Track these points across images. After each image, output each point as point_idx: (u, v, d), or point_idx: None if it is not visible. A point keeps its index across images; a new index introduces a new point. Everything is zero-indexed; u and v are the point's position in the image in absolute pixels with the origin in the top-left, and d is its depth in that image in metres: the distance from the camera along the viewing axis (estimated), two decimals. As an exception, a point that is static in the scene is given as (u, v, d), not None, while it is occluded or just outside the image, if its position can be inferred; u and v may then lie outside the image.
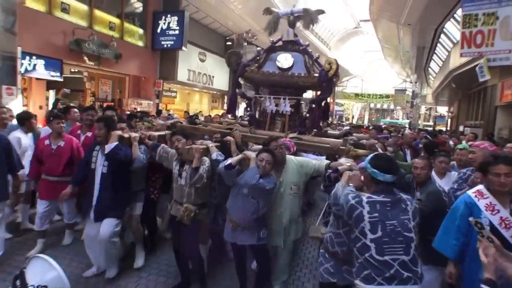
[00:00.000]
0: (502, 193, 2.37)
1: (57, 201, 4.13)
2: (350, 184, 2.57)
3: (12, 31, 6.84)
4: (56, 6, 9.13)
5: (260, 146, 3.95)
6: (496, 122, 10.52)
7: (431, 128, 23.27)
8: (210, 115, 10.44)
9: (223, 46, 18.72)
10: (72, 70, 10.92)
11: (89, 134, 4.63)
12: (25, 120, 4.75)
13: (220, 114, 11.45)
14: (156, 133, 4.32)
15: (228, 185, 3.36)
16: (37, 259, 1.91)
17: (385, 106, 52.48)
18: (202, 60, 15.87)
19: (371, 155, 2.48)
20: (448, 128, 21.82)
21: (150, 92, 13.14)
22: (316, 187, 6.00)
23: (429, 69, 23.32)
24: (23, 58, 7.73)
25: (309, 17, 5.62)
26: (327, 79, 5.07)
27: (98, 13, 10.56)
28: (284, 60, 5.34)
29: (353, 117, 49.37)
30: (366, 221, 2.14)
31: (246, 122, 6.39)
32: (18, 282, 1.79)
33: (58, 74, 8.95)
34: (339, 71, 5.34)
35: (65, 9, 9.37)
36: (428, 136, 9.54)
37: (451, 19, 14.08)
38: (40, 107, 8.93)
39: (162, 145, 3.84)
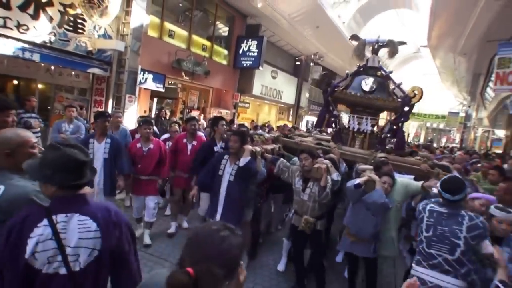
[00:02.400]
0: None
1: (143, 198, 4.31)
2: None
3: (137, 53, 8.14)
4: (165, 32, 10.43)
5: (365, 166, 4.08)
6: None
7: (483, 150, 21.68)
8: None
9: (293, 66, 19.33)
10: (169, 82, 12.23)
11: (194, 142, 4.80)
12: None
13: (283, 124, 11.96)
14: (269, 147, 4.41)
15: (352, 201, 3.45)
16: None
17: (441, 126, 49.18)
18: (273, 77, 16.54)
19: (443, 178, 2.71)
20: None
21: (229, 103, 14.10)
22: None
23: (486, 93, 21.81)
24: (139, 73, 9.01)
25: (393, 46, 5.66)
26: (410, 104, 5.22)
27: (195, 37, 11.76)
28: (369, 83, 5.37)
29: (408, 135, 47.00)
30: (425, 222, 2.58)
31: (319, 135, 6.58)
32: None
33: (161, 86, 10.15)
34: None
35: (171, 35, 10.67)
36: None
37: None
38: (144, 111, 10.18)
39: (281, 159, 3.91)
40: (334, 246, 4.49)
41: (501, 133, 23.85)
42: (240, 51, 13.69)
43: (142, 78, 9.30)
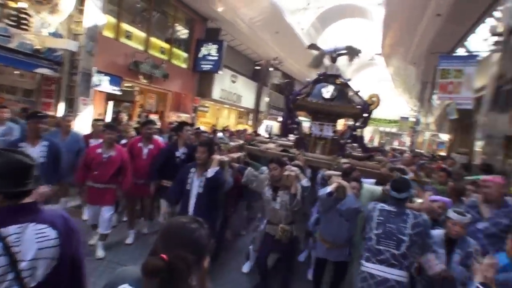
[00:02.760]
0: None
1: (98, 207, 4.04)
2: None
3: (91, 54, 7.75)
4: (122, 33, 10.04)
5: (331, 172, 4.12)
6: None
7: (431, 153, 23.21)
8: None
9: (252, 70, 19.45)
10: (126, 84, 11.77)
11: (151, 146, 4.59)
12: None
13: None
14: (235, 156, 4.35)
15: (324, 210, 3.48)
16: None
17: (393, 130, 51.86)
18: (233, 82, 16.49)
19: (393, 179, 3.03)
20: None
21: (188, 107, 13.83)
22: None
23: (432, 100, 23.40)
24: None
25: (352, 51, 5.86)
26: (368, 111, 5.41)
27: (153, 39, 11.43)
28: (329, 91, 5.50)
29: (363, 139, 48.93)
30: (375, 221, 2.76)
31: (282, 141, 6.63)
32: None
33: (118, 88, 9.75)
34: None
35: (128, 36, 10.29)
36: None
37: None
38: (99, 115, 9.71)
39: (249, 168, 3.85)
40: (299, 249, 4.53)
41: (445, 137, 25.61)
42: (200, 55, 13.52)
43: (97, 80, 8.88)
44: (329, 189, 3.29)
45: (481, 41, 11.48)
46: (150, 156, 4.53)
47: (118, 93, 9.84)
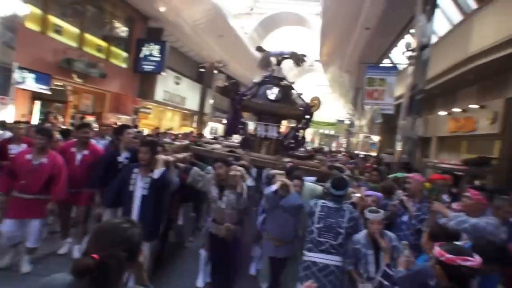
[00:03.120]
0: None
1: (25, 220, 3.60)
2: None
3: (10, 46, 6.91)
4: (50, 27, 9.16)
5: (275, 171, 4.12)
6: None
7: (364, 154, 24.81)
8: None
9: (196, 72, 19.12)
10: (56, 83, 10.81)
11: (86, 152, 4.20)
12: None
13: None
14: (180, 155, 4.20)
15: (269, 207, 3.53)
16: None
17: (332, 132, 54.52)
18: (177, 83, 16.06)
19: (332, 178, 3.31)
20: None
21: (129, 108, 13.15)
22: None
23: (364, 105, 25.10)
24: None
25: (297, 58, 5.93)
26: (310, 113, 5.58)
27: (88, 36, 10.62)
28: (274, 93, 5.54)
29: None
30: (316, 216, 3.04)
31: (227, 142, 6.53)
32: None
33: (46, 87, 8.88)
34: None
35: (58, 30, 9.41)
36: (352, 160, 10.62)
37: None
38: (23, 115, 8.76)
39: (195, 168, 3.76)
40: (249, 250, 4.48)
41: (376, 138, 27.56)
42: (141, 55, 12.95)
43: (20, 77, 7.95)
44: (274, 187, 3.38)
45: (401, 54, 12.71)
46: (84, 163, 4.14)
47: (47, 92, 8.94)
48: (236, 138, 6.92)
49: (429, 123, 12.14)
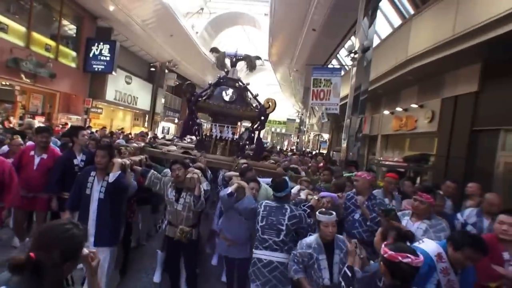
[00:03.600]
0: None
1: None
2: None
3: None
4: (-6, 25, 8.90)
5: (232, 173, 4.26)
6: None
7: (316, 151, 26.20)
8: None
9: (147, 71, 19.11)
10: (3, 83, 10.45)
11: (44, 156, 4.13)
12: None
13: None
14: (137, 158, 4.12)
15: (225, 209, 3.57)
16: None
17: (284, 131, 56.03)
18: (128, 83, 16.01)
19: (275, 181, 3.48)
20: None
21: (79, 108, 12.96)
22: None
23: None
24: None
25: (250, 60, 6.01)
26: (265, 114, 5.64)
27: (35, 35, 10.40)
28: (229, 94, 5.62)
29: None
30: (260, 215, 3.19)
31: (183, 144, 6.58)
32: None
33: (-7, 88, 8.71)
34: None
35: (3, 28, 9.17)
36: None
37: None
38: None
39: (152, 171, 3.75)
40: (204, 251, 4.60)
41: (326, 136, 29.19)
42: (91, 54, 12.83)
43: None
44: (229, 189, 3.40)
45: (345, 56, 13.74)
46: (42, 167, 4.07)
47: (-6, 93, 8.74)
48: (187, 139, 7.25)
49: (375, 122, 12.89)
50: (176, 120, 24.00)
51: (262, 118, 5.65)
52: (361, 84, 8.39)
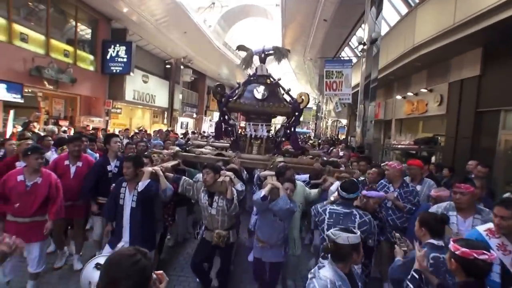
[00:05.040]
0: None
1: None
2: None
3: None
4: (15, 36, 9.29)
5: (267, 172, 4.18)
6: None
7: (335, 137, 26.05)
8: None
9: (163, 69, 19.42)
10: (26, 90, 10.93)
11: (79, 164, 4.21)
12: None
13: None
14: (169, 164, 4.16)
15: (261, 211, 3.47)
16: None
17: (301, 119, 55.51)
18: (145, 82, 16.33)
19: (344, 181, 3.16)
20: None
21: (100, 110, 13.38)
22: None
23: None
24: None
25: (280, 52, 5.88)
26: (299, 109, 5.48)
27: (53, 42, 10.77)
28: (260, 91, 5.50)
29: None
30: (326, 223, 2.95)
31: (217, 143, 6.63)
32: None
33: (19, 96, 9.12)
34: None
35: (24, 39, 9.55)
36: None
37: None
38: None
39: (184, 177, 3.76)
40: (242, 247, 4.69)
41: (344, 121, 28.94)
42: (108, 57, 13.14)
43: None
44: (263, 192, 3.29)
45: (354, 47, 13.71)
46: (79, 175, 4.14)
47: (20, 100, 9.19)
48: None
49: (389, 107, 13.33)
50: (194, 115, 24.37)
51: (296, 113, 5.54)
52: (371, 72, 8.83)
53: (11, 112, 9.50)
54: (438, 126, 9.93)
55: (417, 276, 2.13)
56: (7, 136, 7.20)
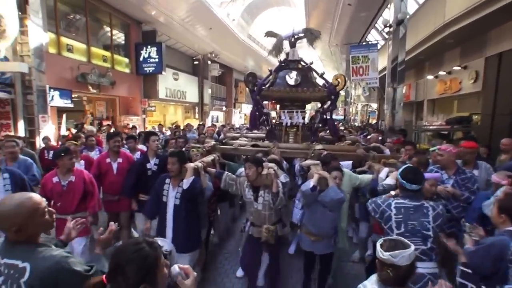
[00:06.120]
0: None
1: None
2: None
3: (42, 71, 8.21)
4: (63, 47, 10.40)
5: (310, 161, 4.06)
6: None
7: (365, 122, 25.92)
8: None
9: (192, 65, 20.33)
10: (74, 95, 12.06)
11: (120, 160, 4.41)
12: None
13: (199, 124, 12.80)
14: (209, 158, 4.11)
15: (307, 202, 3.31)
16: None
17: (329, 105, 54.78)
18: (175, 79, 17.19)
19: (403, 167, 2.74)
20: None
21: (137, 109, 14.43)
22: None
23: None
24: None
25: (311, 34, 5.64)
26: (335, 92, 5.26)
27: (93, 49, 11.85)
28: (292, 77, 5.31)
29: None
30: (393, 220, 2.54)
31: (251, 134, 6.70)
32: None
33: (69, 101, 10.21)
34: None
35: (70, 49, 10.66)
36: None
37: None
38: (56, 129, 10.04)
39: (226, 172, 3.67)
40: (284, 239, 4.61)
41: (375, 106, 28.58)
42: (141, 58, 14.11)
43: (49, 96, 9.22)
44: (311, 183, 3.14)
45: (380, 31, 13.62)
46: (121, 170, 4.35)
47: (70, 105, 10.29)
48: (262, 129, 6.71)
49: (420, 88, 13.16)
50: (224, 108, 25.18)
51: (333, 97, 5.33)
52: (398, 55, 8.74)
53: (64, 116, 10.67)
54: (474, 105, 9.69)
55: (468, 271, 2.13)
56: (61, 138, 8.24)
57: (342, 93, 32.29)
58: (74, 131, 9.71)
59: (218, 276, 4.12)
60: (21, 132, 8.04)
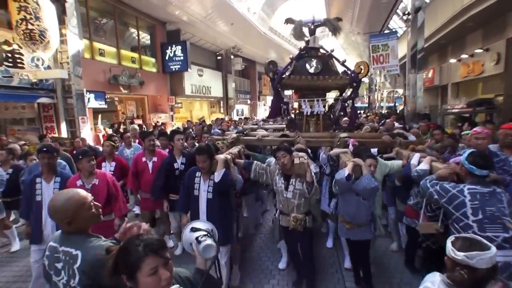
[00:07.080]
0: None
1: None
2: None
3: (79, 76, 9.00)
4: (96, 52, 11.20)
5: (338, 150, 4.02)
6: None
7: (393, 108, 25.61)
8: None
9: (215, 61, 20.88)
10: (107, 97, 12.87)
11: (155, 159, 4.46)
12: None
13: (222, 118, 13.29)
14: (235, 150, 4.06)
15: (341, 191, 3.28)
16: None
17: (355, 93, 53.86)
18: (200, 75, 17.79)
19: (467, 152, 2.59)
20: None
21: (165, 107, 15.18)
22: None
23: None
24: (83, 94, 9.75)
25: (330, 23, 5.53)
26: (358, 80, 5.15)
27: (123, 51, 12.62)
28: (313, 65, 5.21)
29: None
30: (468, 206, 2.39)
31: (270, 125, 6.70)
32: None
33: (103, 102, 10.98)
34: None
35: (102, 53, 11.46)
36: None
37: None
38: (91, 129, 10.73)
39: (256, 162, 3.62)
40: (319, 233, 4.61)
41: (401, 91, 28.06)
42: (167, 57, 14.77)
43: (87, 98, 9.95)
44: (346, 171, 3.08)
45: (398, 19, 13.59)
46: (156, 169, 4.37)
47: (105, 106, 11.09)
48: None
49: (444, 72, 13.13)
50: (248, 101, 25.63)
51: (355, 84, 5.21)
52: (417, 42, 8.85)
53: (99, 117, 11.54)
54: (498, 86, 9.66)
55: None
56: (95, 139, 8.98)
57: (366, 80, 32.02)
58: (109, 131, 10.49)
59: (261, 272, 4.00)
60: (64, 133, 8.88)
